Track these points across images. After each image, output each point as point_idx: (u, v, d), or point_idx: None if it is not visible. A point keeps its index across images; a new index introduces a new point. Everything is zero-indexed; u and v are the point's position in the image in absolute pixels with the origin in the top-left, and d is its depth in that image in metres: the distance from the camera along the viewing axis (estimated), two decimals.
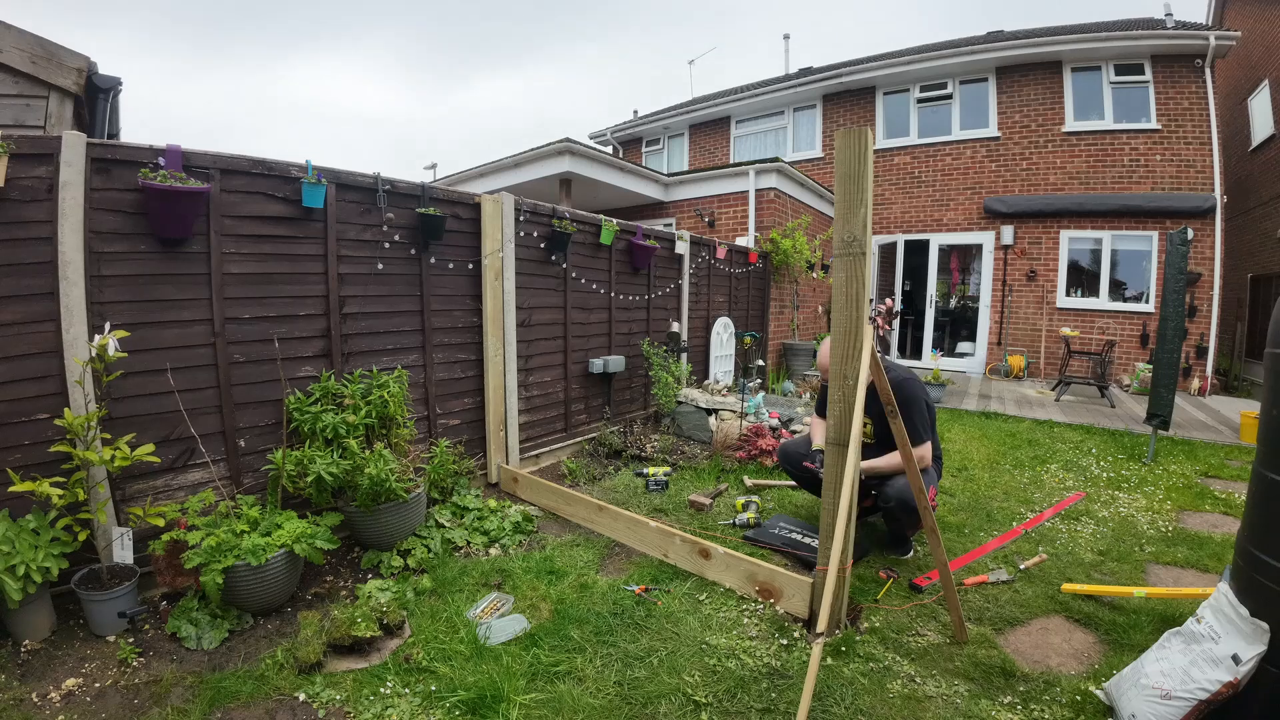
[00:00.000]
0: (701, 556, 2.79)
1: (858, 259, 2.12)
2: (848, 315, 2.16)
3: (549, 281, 4.46)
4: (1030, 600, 2.61)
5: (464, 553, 3.04)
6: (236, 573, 2.25)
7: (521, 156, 7.72)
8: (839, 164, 2.13)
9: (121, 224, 2.41)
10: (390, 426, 3.09)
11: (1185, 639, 1.79)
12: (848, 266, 2.15)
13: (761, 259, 7.72)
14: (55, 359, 2.27)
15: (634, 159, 13.44)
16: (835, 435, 2.20)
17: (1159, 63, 8.75)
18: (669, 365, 5.35)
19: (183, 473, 2.62)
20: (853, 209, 2.12)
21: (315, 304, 3.02)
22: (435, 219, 3.38)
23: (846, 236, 2.14)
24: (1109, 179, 9.12)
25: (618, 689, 2.00)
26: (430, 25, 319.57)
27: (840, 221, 2.15)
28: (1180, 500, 3.93)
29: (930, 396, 3.03)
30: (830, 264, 9.69)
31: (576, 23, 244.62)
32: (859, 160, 2.09)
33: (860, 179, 2.09)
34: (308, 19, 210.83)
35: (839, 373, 2.18)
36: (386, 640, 2.24)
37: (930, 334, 10.80)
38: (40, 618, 2.15)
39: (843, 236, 2.15)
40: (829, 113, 11.46)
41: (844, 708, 1.92)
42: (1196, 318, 8.52)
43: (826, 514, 2.29)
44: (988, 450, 5.13)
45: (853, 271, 2.14)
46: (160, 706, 1.87)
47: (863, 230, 2.10)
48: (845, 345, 2.17)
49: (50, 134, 2.53)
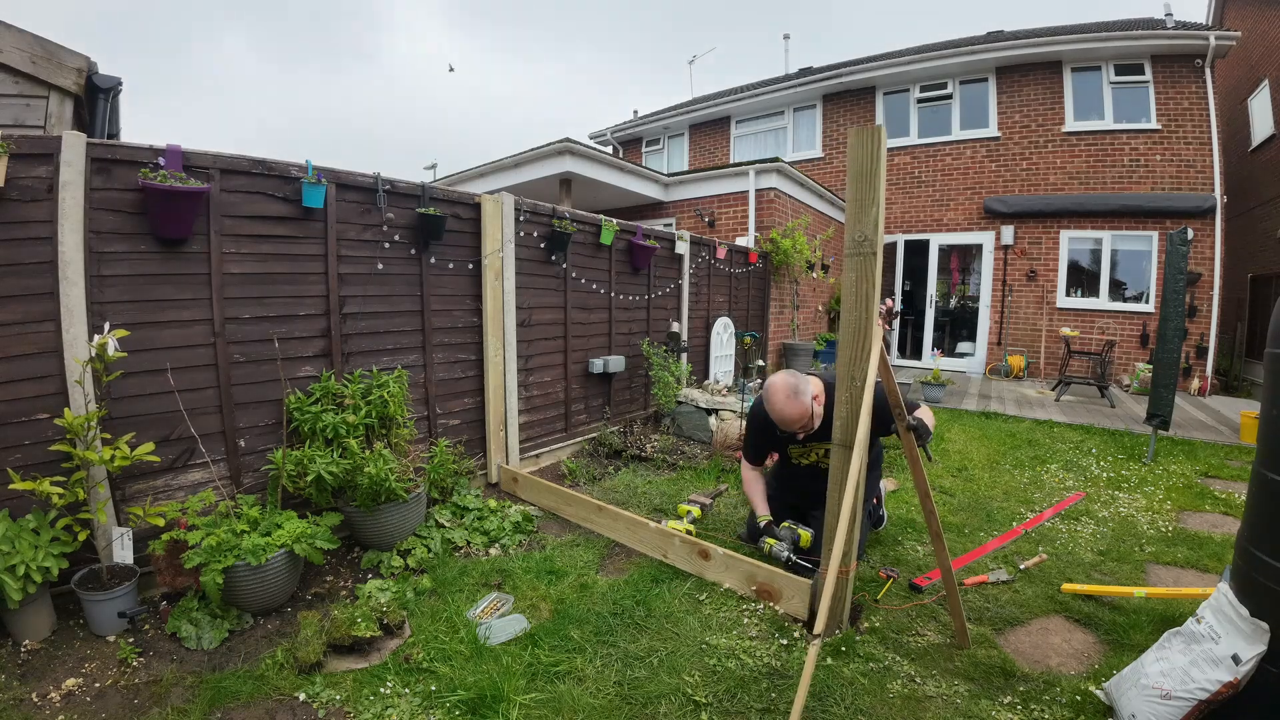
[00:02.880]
0: (701, 557, 2.79)
1: (869, 259, 2.09)
2: (857, 315, 2.13)
3: (549, 281, 4.46)
4: (1030, 600, 2.61)
5: (464, 553, 3.04)
6: (236, 573, 2.25)
7: (521, 156, 7.72)
8: (851, 162, 2.10)
9: (121, 224, 2.41)
10: (390, 426, 3.09)
11: (1185, 639, 1.79)
12: (858, 266, 2.11)
13: (761, 259, 7.72)
14: (55, 359, 2.26)
15: (634, 159, 13.44)
16: (842, 437, 2.20)
17: (1159, 63, 8.75)
18: (669, 365, 5.35)
19: (183, 472, 2.62)
20: (864, 208, 2.08)
21: (315, 304, 3.02)
22: (435, 219, 3.38)
23: (858, 236, 2.10)
24: (1109, 179, 9.12)
25: (618, 689, 2.00)
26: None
27: (852, 220, 2.12)
28: (1180, 500, 3.93)
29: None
30: (830, 264, 9.75)
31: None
32: (871, 159, 2.06)
33: (873, 177, 2.06)
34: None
35: (846, 374, 2.17)
36: (386, 640, 2.24)
37: (930, 334, 10.80)
38: (40, 618, 2.15)
39: (854, 236, 2.11)
40: (829, 113, 11.45)
41: (844, 708, 1.92)
42: (1196, 318, 8.52)
43: (830, 515, 2.28)
44: (988, 450, 5.13)
45: (863, 271, 2.10)
46: (160, 706, 1.87)
47: (874, 229, 2.07)
48: (854, 347, 2.14)
49: (50, 134, 2.54)
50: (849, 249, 2.13)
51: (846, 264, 2.15)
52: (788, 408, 2.59)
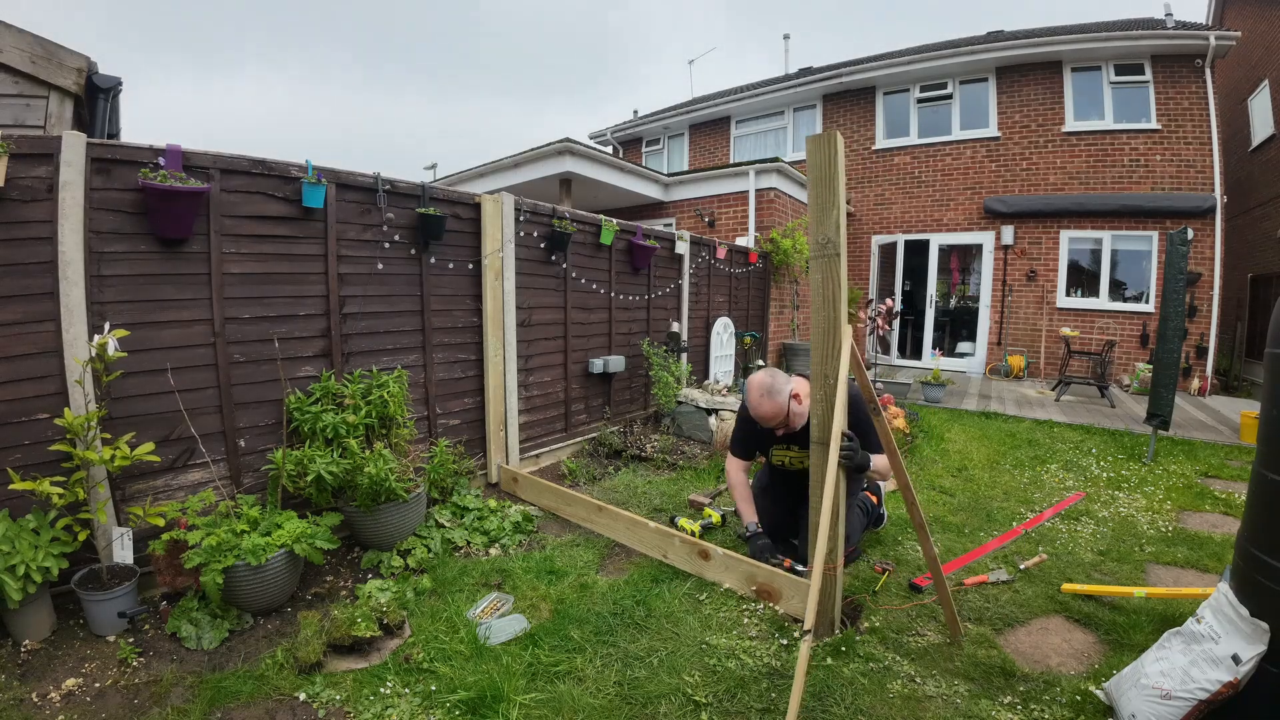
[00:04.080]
0: (701, 558, 2.79)
1: (832, 260, 2.15)
2: (825, 315, 2.20)
3: (549, 281, 4.46)
4: (1030, 600, 2.61)
5: (464, 553, 3.04)
6: (236, 573, 2.25)
7: (521, 156, 7.72)
8: (811, 168, 2.17)
9: (122, 224, 2.41)
10: (390, 426, 3.09)
11: (1185, 639, 1.79)
12: (823, 268, 2.18)
13: (761, 259, 7.72)
14: (55, 359, 2.27)
15: (634, 159, 13.44)
16: (818, 434, 2.25)
17: (1159, 63, 8.75)
18: (669, 365, 5.35)
19: (183, 472, 2.62)
20: (825, 211, 2.15)
21: (315, 304, 3.02)
22: (435, 219, 3.38)
23: (821, 239, 2.17)
24: (1109, 179, 9.12)
25: (618, 689, 2.00)
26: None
27: (814, 224, 2.19)
28: (1180, 500, 3.93)
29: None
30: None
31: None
32: (829, 164, 2.12)
33: (831, 182, 2.13)
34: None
35: (820, 373, 2.22)
36: (386, 640, 2.24)
37: (930, 334, 10.80)
38: (40, 618, 2.15)
39: (817, 239, 2.18)
40: (829, 113, 11.45)
41: (844, 708, 1.92)
42: (1196, 318, 8.52)
43: (813, 512, 2.33)
44: (988, 450, 5.13)
45: (828, 272, 2.17)
46: (160, 706, 1.87)
47: (836, 232, 2.13)
48: (825, 345, 2.20)
49: (50, 134, 2.54)
50: (813, 251, 2.19)
51: (812, 265, 2.20)
52: (762, 405, 2.67)
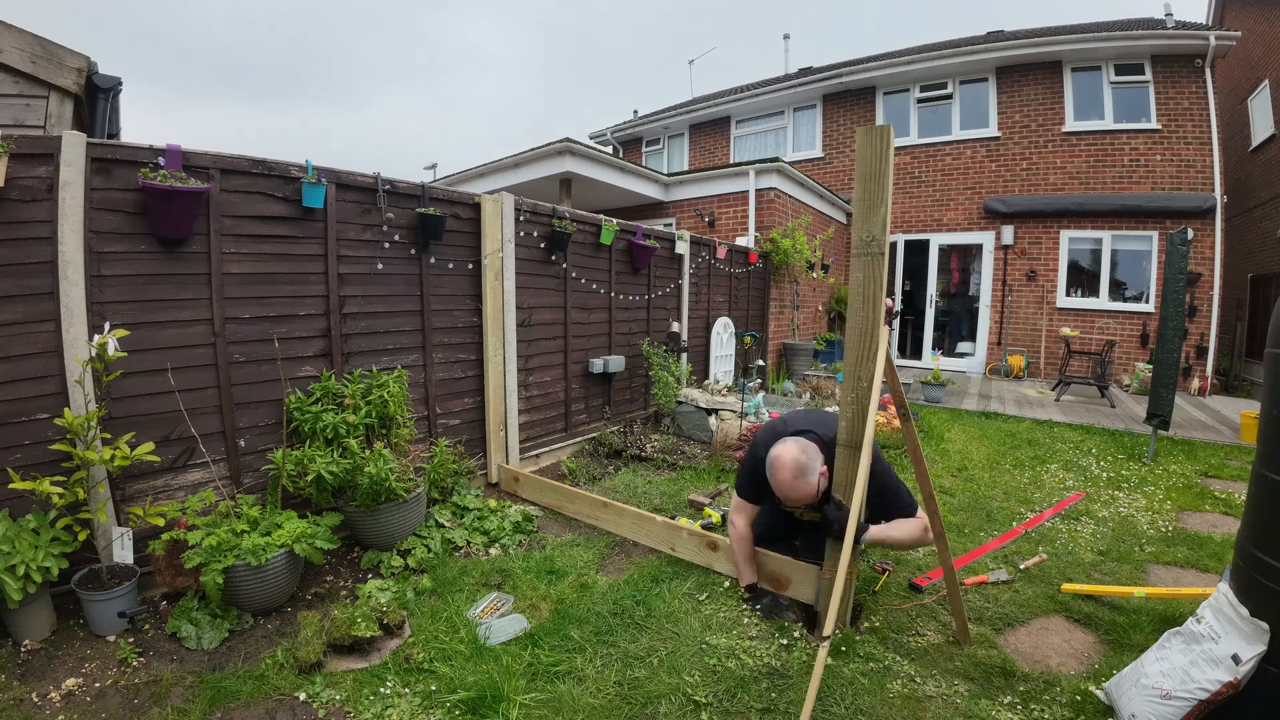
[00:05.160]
0: (709, 549, 2.82)
1: (876, 259, 2.07)
2: (864, 316, 2.12)
3: (549, 281, 4.46)
4: (1030, 600, 2.61)
5: (464, 553, 3.04)
6: (236, 572, 2.25)
7: (521, 156, 7.71)
8: (860, 162, 2.08)
9: (122, 224, 2.41)
10: (390, 426, 3.09)
11: (1185, 639, 1.79)
12: (865, 266, 2.10)
13: (761, 259, 7.72)
14: (55, 359, 2.26)
15: (634, 159, 13.44)
16: (848, 438, 2.19)
17: (1159, 63, 8.75)
18: (669, 365, 5.35)
19: (183, 472, 2.62)
20: (873, 208, 2.07)
21: (315, 304, 3.02)
22: (435, 219, 3.38)
23: (865, 235, 2.09)
24: (1109, 179, 9.12)
25: (618, 689, 2.00)
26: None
27: (860, 220, 2.11)
28: (1180, 500, 3.93)
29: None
30: (830, 264, 9.75)
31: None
32: (880, 159, 2.05)
33: (881, 178, 2.05)
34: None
35: (853, 374, 2.16)
36: (386, 640, 2.24)
37: (930, 334, 10.80)
38: (40, 618, 2.15)
39: (861, 235, 2.10)
40: (829, 113, 11.45)
41: (844, 707, 1.92)
42: (1196, 318, 8.52)
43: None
44: (988, 450, 5.13)
45: (870, 271, 2.09)
46: (160, 706, 1.87)
47: (882, 230, 2.06)
48: (861, 346, 2.14)
49: (50, 134, 2.53)
50: (856, 249, 2.11)
51: (853, 264, 2.14)
52: (795, 489, 2.22)
